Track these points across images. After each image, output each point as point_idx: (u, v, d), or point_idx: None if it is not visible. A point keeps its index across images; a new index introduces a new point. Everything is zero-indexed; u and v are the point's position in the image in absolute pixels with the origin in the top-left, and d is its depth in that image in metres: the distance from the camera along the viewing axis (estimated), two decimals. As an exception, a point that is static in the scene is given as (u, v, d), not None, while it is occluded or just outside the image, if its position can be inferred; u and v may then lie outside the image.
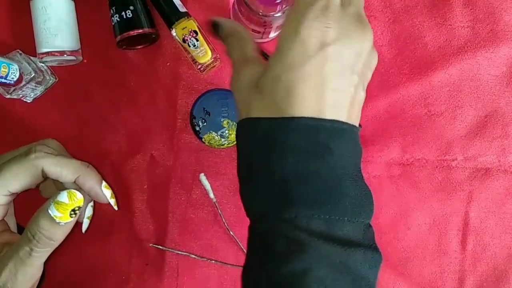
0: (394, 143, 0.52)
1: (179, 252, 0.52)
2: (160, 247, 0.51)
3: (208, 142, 0.50)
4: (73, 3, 0.49)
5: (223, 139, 0.50)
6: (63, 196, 0.33)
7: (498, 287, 0.53)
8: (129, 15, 0.47)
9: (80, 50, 0.50)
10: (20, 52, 0.48)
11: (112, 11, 0.48)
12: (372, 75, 0.54)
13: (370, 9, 0.52)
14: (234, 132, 0.50)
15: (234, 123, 0.50)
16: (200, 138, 0.50)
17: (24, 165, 0.35)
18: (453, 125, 0.53)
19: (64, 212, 0.33)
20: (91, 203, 0.39)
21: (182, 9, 0.48)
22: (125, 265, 0.52)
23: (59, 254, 0.51)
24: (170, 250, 0.51)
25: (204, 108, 0.50)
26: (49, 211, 0.32)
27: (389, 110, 0.52)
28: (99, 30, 0.51)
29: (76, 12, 0.49)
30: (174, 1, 0.48)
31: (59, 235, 0.34)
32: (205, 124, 0.50)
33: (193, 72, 0.51)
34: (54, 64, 0.50)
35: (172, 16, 0.48)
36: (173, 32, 0.48)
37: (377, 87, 0.52)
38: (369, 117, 0.52)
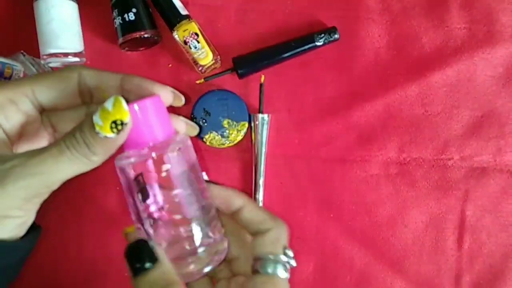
0: (392, 143, 0.53)
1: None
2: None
3: (209, 142, 0.51)
4: (76, 5, 0.50)
5: (223, 139, 0.51)
6: (109, 102, 0.28)
7: (495, 285, 0.54)
8: (132, 17, 0.48)
9: (83, 52, 0.51)
10: (24, 53, 0.48)
11: (114, 14, 0.49)
12: (371, 76, 0.54)
13: (368, 11, 0.53)
14: (235, 132, 0.51)
15: (235, 123, 0.51)
16: (201, 138, 0.51)
17: (56, 75, 0.31)
18: (449, 125, 0.53)
19: (105, 122, 0.28)
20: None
21: (183, 11, 0.49)
22: (125, 264, 0.52)
23: (59, 253, 0.52)
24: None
25: (204, 109, 0.51)
26: (94, 116, 0.28)
27: (386, 110, 0.53)
28: (102, 32, 0.52)
29: (79, 14, 0.50)
30: (176, 4, 0.49)
31: (97, 150, 0.29)
32: (205, 124, 0.51)
33: (194, 73, 0.52)
34: (57, 65, 0.50)
35: (174, 19, 0.49)
36: (175, 34, 0.49)
37: (375, 87, 0.53)
38: (367, 117, 0.53)
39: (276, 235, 0.35)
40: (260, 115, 0.51)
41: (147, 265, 0.29)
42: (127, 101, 0.29)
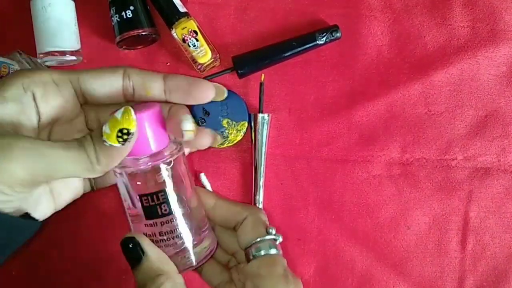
0: (394, 143, 0.53)
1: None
2: (160, 246, 0.52)
3: (208, 142, 0.50)
4: (73, 3, 0.49)
5: (223, 139, 0.50)
6: (119, 111, 0.29)
7: (498, 287, 0.53)
8: (129, 15, 0.47)
9: (80, 50, 0.50)
10: (20, 52, 0.48)
11: (112, 11, 0.48)
12: (373, 75, 0.54)
13: (370, 9, 0.52)
14: (234, 132, 0.50)
15: (234, 122, 0.50)
16: (200, 138, 0.50)
17: (104, 69, 0.32)
18: (453, 124, 0.53)
19: (113, 130, 0.28)
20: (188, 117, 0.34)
21: (182, 9, 0.49)
22: (126, 264, 0.52)
23: (59, 253, 0.52)
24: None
25: (203, 108, 0.50)
26: (103, 125, 0.29)
27: (389, 109, 0.53)
28: (99, 30, 0.51)
29: (76, 12, 0.49)
30: (174, 1, 0.48)
31: (101, 158, 0.29)
32: (204, 124, 0.50)
33: (193, 72, 0.52)
34: (54, 64, 0.50)
35: (172, 16, 0.48)
36: (173, 32, 0.48)
37: (377, 86, 0.52)
38: (369, 117, 0.52)
39: (254, 219, 0.38)
40: (260, 115, 0.50)
41: (137, 258, 0.33)
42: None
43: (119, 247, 0.52)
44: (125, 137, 0.29)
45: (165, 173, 0.34)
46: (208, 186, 0.52)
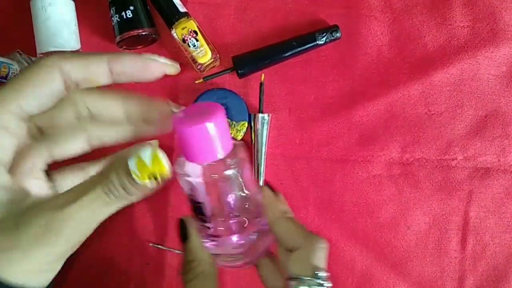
0: (394, 143, 0.53)
1: (179, 252, 0.52)
2: (160, 246, 0.52)
3: (208, 142, 0.50)
4: (73, 3, 0.49)
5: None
6: (146, 153, 0.26)
7: (498, 287, 0.53)
8: (129, 15, 0.47)
9: (80, 50, 0.50)
10: (20, 52, 0.48)
11: (112, 11, 0.48)
12: (373, 75, 0.54)
13: (370, 9, 0.52)
14: (234, 132, 0.50)
15: (234, 122, 0.50)
16: (200, 138, 0.50)
17: (39, 80, 0.27)
18: (453, 124, 0.53)
19: (143, 173, 0.26)
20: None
21: (182, 9, 0.49)
22: (125, 265, 0.52)
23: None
24: (170, 249, 0.52)
25: (204, 108, 0.50)
26: (129, 163, 0.26)
27: (389, 109, 0.53)
28: (99, 30, 0.51)
29: (76, 12, 0.49)
30: (174, 1, 0.48)
31: (136, 192, 0.27)
32: (205, 124, 0.50)
33: (193, 72, 0.51)
34: (54, 64, 0.50)
35: (172, 16, 0.48)
36: (173, 32, 0.48)
37: (377, 86, 0.52)
38: (370, 117, 0.52)
39: (304, 254, 0.34)
40: (260, 115, 0.50)
41: (183, 238, 0.35)
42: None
43: (118, 249, 0.52)
44: (158, 179, 0.27)
45: (227, 180, 0.32)
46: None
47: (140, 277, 0.52)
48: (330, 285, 0.33)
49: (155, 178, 0.27)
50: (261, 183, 0.51)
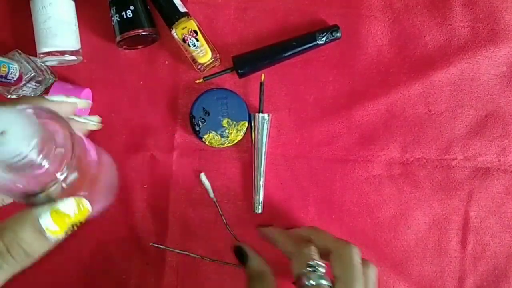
0: (395, 143, 0.52)
1: (179, 252, 0.52)
2: (160, 246, 0.52)
3: (208, 142, 0.50)
4: (73, 2, 0.49)
5: (223, 139, 0.50)
6: (69, 205, 0.24)
7: (498, 287, 0.53)
8: (129, 15, 0.47)
9: (80, 50, 0.50)
10: (19, 51, 0.48)
11: (112, 11, 0.48)
12: (373, 75, 0.54)
13: (370, 9, 0.52)
14: (234, 132, 0.50)
15: (234, 122, 0.50)
16: (200, 138, 0.50)
17: None
18: (453, 124, 0.53)
19: (62, 226, 0.24)
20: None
21: (182, 9, 0.48)
22: (125, 264, 0.52)
23: (59, 253, 0.51)
24: (170, 249, 0.52)
25: (203, 108, 0.50)
26: (40, 221, 0.24)
27: (389, 109, 0.53)
28: (99, 30, 0.51)
29: (76, 12, 0.49)
30: (174, 1, 0.48)
31: (44, 251, 0.25)
32: (204, 123, 0.50)
33: (193, 72, 0.51)
34: (54, 63, 0.50)
35: (172, 16, 0.48)
36: (173, 32, 0.48)
37: (377, 86, 0.52)
38: (370, 117, 0.52)
39: (297, 257, 0.40)
40: (260, 115, 0.50)
41: (244, 260, 0.46)
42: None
43: (118, 248, 0.52)
44: (77, 226, 0.25)
45: None
46: (208, 185, 0.52)
47: (140, 277, 0.52)
48: (323, 270, 0.39)
49: (72, 227, 0.25)
50: (261, 183, 0.51)
